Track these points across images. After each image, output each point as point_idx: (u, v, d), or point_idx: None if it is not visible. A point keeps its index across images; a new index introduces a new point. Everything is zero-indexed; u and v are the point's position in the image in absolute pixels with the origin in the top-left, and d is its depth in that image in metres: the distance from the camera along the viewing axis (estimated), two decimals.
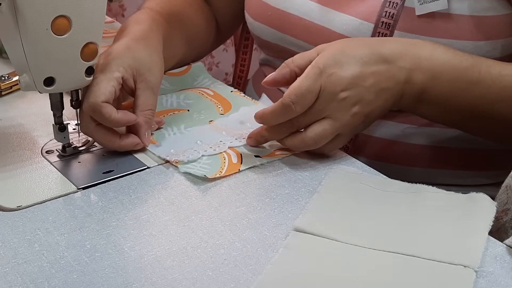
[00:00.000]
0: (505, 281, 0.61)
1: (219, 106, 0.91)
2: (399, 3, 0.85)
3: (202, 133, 0.85)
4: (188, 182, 0.76)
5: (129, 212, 0.70)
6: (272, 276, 0.61)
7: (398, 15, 0.85)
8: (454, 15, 0.84)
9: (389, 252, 0.63)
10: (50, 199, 0.72)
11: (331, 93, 0.76)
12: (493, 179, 0.95)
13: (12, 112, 0.91)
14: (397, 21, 0.85)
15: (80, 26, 0.73)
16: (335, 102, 0.76)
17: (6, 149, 0.82)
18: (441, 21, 0.84)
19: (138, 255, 0.64)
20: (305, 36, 0.94)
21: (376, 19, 0.86)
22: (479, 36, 0.85)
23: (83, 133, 0.80)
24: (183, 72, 1.00)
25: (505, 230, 0.70)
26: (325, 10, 0.91)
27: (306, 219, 0.68)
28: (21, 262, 0.63)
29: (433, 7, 0.84)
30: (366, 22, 0.87)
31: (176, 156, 0.79)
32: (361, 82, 0.77)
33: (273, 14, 0.97)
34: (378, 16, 0.86)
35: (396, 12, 0.85)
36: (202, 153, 0.80)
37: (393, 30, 0.85)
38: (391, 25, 0.85)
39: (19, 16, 0.69)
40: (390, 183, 0.74)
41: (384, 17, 0.86)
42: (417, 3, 0.84)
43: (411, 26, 0.85)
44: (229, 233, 0.67)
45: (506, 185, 0.72)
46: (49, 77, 0.74)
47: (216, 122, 0.87)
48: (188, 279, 0.61)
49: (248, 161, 0.79)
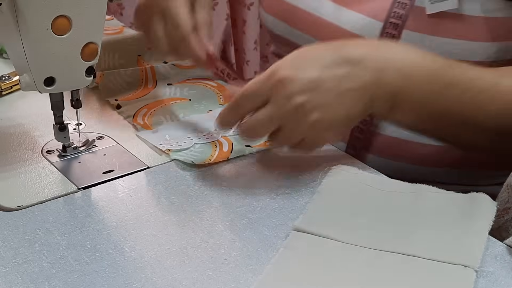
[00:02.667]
0: (506, 281, 0.61)
1: (221, 96, 0.93)
2: (408, 3, 0.84)
3: (199, 122, 0.86)
4: (189, 182, 0.76)
5: (130, 212, 0.71)
6: (272, 276, 0.61)
7: (406, 16, 0.84)
8: (464, 15, 0.83)
9: (389, 252, 0.63)
10: (50, 199, 0.72)
11: (285, 97, 0.70)
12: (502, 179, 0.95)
13: (13, 112, 0.91)
14: (405, 22, 0.84)
15: (80, 26, 0.72)
16: (288, 108, 0.71)
17: (6, 149, 0.82)
18: (450, 21, 0.83)
19: (139, 255, 0.64)
20: (314, 31, 0.93)
21: (385, 18, 0.85)
22: (488, 37, 0.84)
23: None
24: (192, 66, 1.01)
25: (506, 229, 0.70)
26: (335, 7, 0.91)
27: (306, 219, 0.68)
28: (21, 262, 0.63)
29: (444, 6, 0.82)
30: (374, 21, 0.86)
31: (169, 144, 0.80)
32: (319, 86, 0.71)
33: (285, 8, 0.97)
34: (387, 15, 0.85)
35: (404, 12, 0.84)
36: (195, 141, 0.81)
37: (401, 31, 0.84)
38: (399, 26, 0.84)
39: (19, 16, 0.69)
40: (390, 183, 0.74)
41: (392, 17, 0.85)
42: (428, 2, 0.82)
43: (420, 26, 0.84)
44: (229, 233, 0.67)
45: (507, 184, 0.72)
46: (49, 77, 0.74)
47: (214, 111, 0.89)
48: (188, 279, 0.61)
49: (238, 150, 0.80)
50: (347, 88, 0.72)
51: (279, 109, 0.71)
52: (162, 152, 0.81)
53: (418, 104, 0.75)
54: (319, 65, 0.72)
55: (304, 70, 0.72)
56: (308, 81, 0.71)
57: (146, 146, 0.83)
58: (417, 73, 0.74)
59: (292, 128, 0.72)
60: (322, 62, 0.73)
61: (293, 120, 0.71)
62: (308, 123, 0.71)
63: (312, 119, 0.71)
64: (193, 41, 0.83)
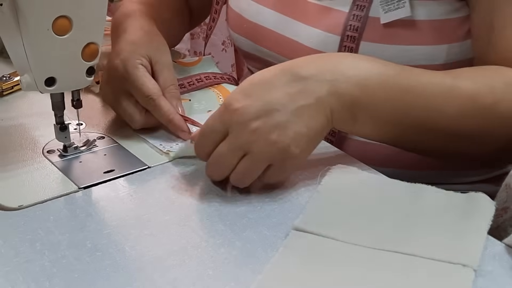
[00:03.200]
0: (504, 280, 0.61)
1: (220, 96, 0.93)
2: (362, 16, 0.85)
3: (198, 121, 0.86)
4: (189, 181, 0.76)
5: (130, 212, 0.71)
6: (272, 276, 0.61)
7: (362, 28, 0.85)
8: (416, 21, 0.84)
9: (389, 251, 0.63)
10: (51, 198, 0.72)
11: (241, 125, 0.70)
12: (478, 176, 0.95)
13: (14, 112, 0.92)
14: (362, 34, 0.85)
15: (81, 27, 0.73)
16: (246, 134, 0.70)
17: (7, 149, 0.82)
18: (404, 28, 0.84)
19: (139, 254, 0.64)
20: (276, 48, 0.95)
21: (341, 32, 0.86)
22: (441, 40, 0.85)
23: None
24: (193, 63, 1.01)
25: (505, 228, 0.71)
26: (292, 23, 0.92)
27: (306, 218, 0.68)
28: (22, 261, 0.63)
29: (398, 14, 0.83)
30: (332, 35, 0.87)
31: (170, 145, 0.81)
32: (273, 108, 0.70)
33: (247, 26, 0.98)
34: (344, 29, 0.86)
35: (360, 24, 0.85)
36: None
37: (359, 43, 0.85)
38: (356, 38, 0.85)
39: (20, 16, 0.70)
40: (390, 183, 0.74)
41: (349, 30, 0.85)
42: (381, 11, 0.84)
43: (377, 36, 0.85)
44: (229, 233, 0.67)
45: (506, 184, 0.73)
46: (50, 77, 0.74)
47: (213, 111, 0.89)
48: (188, 278, 0.61)
49: None
50: (302, 104, 0.71)
51: (237, 138, 0.70)
52: (163, 152, 0.81)
53: (376, 112, 0.74)
54: (271, 88, 0.71)
55: (256, 97, 0.71)
56: (261, 106, 0.70)
57: (147, 146, 0.83)
58: (370, 81, 0.74)
59: (257, 151, 0.70)
60: (274, 84, 0.72)
61: (254, 143, 0.70)
62: (270, 142, 0.70)
63: (273, 139, 0.70)
64: (165, 106, 0.83)
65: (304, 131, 0.71)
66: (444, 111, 0.75)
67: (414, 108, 0.75)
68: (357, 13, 0.85)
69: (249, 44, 0.99)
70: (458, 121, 0.76)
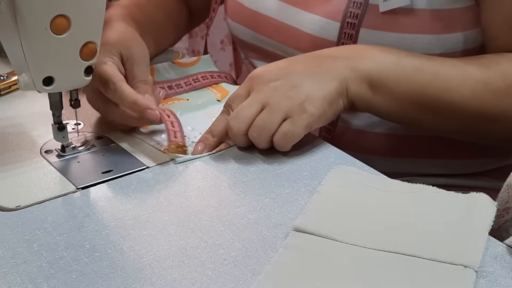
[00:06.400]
0: (505, 281, 0.61)
1: (218, 93, 0.94)
2: (363, 2, 0.86)
3: (195, 119, 0.87)
4: (188, 182, 0.76)
5: (128, 212, 0.70)
6: (272, 276, 0.60)
7: (362, 15, 0.86)
8: (416, 9, 0.85)
9: (389, 252, 0.63)
10: (49, 199, 0.72)
11: (261, 85, 0.79)
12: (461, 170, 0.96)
13: (11, 111, 0.91)
14: (362, 21, 0.87)
15: (79, 26, 0.72)
16: (266, 91, 0.78)
17: (5, 148, 0.82)
18: (404, 16, 0.85)
19: (138, 255, 0.64)
20: (277, 36, 0.96)
21: (342, 18, 0.87)
22: (441, 29, 0.86)
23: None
24: (192, 63, 1.02)
25: (506, 229, 0.70)
26: (293, 10, 0.93)
27: (306, 219, 0.68)
28: (20, 262, 0.63)
29: (396, 3, 0.85)
30: (332, 21, 0.89)
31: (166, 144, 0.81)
32: (291, 71, 0.79)
33: (247, 15, 0.99)
34: (344, 15, 0.87)
35: (360, 11, 0.86)
36: (192, 139, 0.82)
37: (359, 30, 0.87)
38: (356, 25, 0.87)
39: (18, 15, 0.69)
40: (390, 183, 0.74)
41: (349, 17, 0.87)
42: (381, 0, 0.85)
43: (377, 23, 0.86)
44: (229, 233, 0.67)
45: (507, 184, 0.72)
46: (48, 76, 0.74)
47: (211, 110, 0.89)
48: (187, 279, 0.61)
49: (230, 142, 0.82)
50: (318, 72, 0.80)
51: (257, 94, 0.78)
52: (161, 152, 0.81)
53: (393, 86, 0.80)
54: (292, 62, 0.82)
55: (276, 64, 0.82)
56: (280, 70, 0.80)
57: (145, 146, 0.83)
58: (384, 60, 0.81)
59: (274, 103, 0.77)
60: (295, 60, 0.82)
61: (272, 97, 0.77)
62: (287, 96, 0.77)
63: (290, 94, 0.77)
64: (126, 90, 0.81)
65: (318, 92, 0.78)
66: (460, 92, 0.80)
67: (430, 88, 0.80)
68: (357, 0, 0.86)
69: (248, 33, 1.00)
70: (473, 102, 0.80)
